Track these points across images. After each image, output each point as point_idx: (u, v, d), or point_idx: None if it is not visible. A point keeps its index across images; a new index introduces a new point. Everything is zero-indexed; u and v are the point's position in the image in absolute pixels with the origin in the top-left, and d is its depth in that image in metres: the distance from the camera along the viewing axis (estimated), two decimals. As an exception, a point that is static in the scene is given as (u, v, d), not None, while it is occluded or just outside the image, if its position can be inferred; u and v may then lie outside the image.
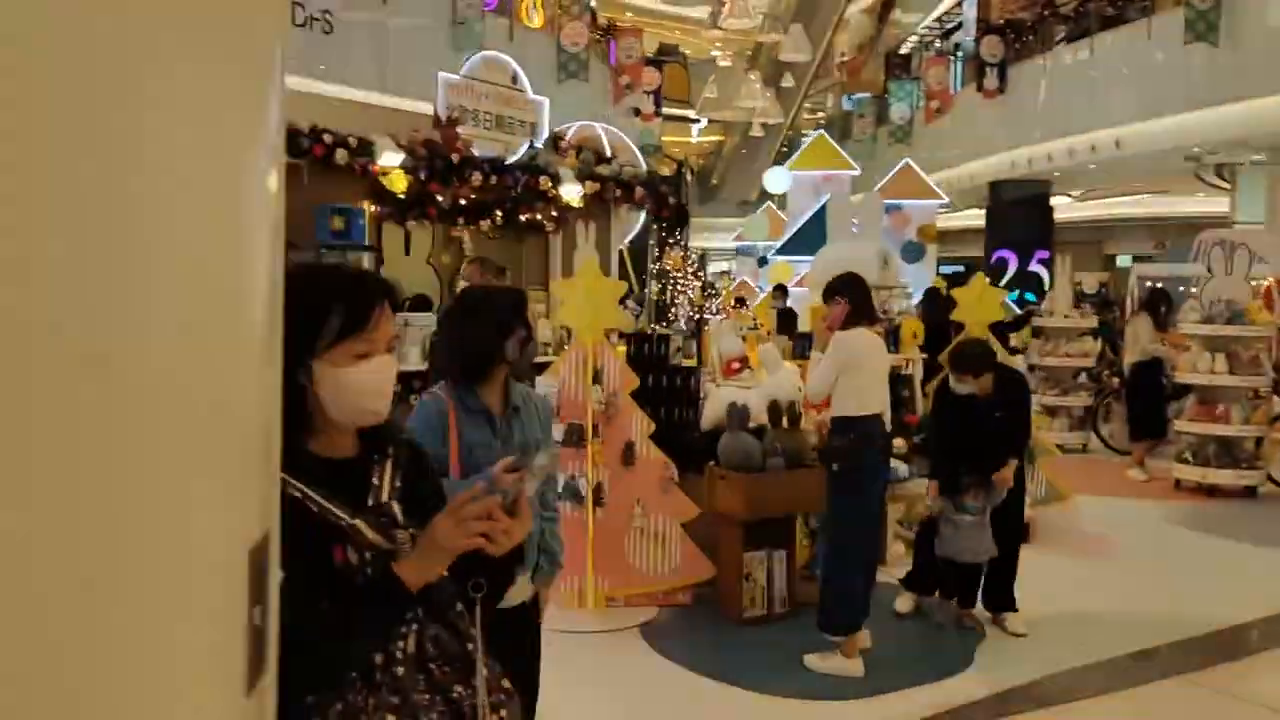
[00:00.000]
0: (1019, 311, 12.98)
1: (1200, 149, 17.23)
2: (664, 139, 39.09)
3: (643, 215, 11.87)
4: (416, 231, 9.17)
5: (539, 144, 8.93)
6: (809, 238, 18.17)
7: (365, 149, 7.36)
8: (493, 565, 1.68)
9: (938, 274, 17.36)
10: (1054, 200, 23.26)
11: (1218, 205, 20.26)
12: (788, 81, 27.38)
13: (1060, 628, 5.34)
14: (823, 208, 18.39)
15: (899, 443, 6.58)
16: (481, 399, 2.86)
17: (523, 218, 8.86)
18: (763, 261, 18.95)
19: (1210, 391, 8.50)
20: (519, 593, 2.97)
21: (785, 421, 5.44)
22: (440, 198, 8.11)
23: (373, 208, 7.84)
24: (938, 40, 25.69)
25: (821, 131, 18.96)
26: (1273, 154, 16.18)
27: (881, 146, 25.89)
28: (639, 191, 9.70)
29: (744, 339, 6.42)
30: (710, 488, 5.36)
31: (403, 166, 7.63)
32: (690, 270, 8.76)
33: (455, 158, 7.90)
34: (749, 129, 28.73)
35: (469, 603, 1.72)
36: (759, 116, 27.69)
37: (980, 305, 7.33)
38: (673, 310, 8.45)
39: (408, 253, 9.46)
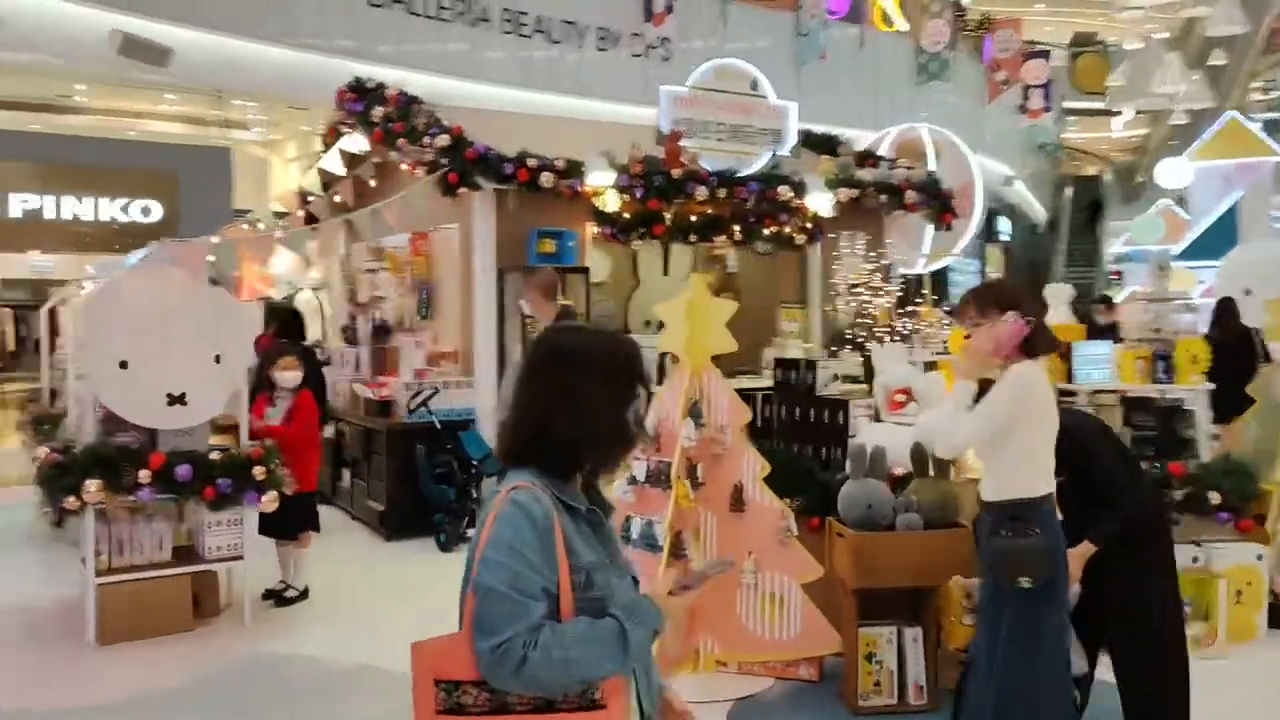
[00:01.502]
0: None
1: None
2: (1080, 135, 35.47)
3: (966, 230, 10.75)
4: (677, 251, 8.95)
5: (784, 151, 8.29)
6: (1217, 239, 15.37)
7: (575, 170, 7.26)
8: None
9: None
10: None
11: None
12: (1217, 59, 23.49)
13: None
14: (1235, 203, 15.50)
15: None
16: (576, 491, 1.93)
17: (767, 231, 8.28)
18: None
19: None
20: None
21: (932, 469, 4.41)
22: (666, 215, 7.80)
23: (595, 229, 7.73)
24: None
25: (1234, 114, 15.92)
26: None
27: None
28: (910, 197, 8.66)
29: (932, 366, 5.36)
30: (830, 545, 4.50)
31: (617, 185, 7.43)
32: (880, 282, 7.61)
33: (676, 172, 7.55)
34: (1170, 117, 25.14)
35: None
36: (1182, 102, 24.05)
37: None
38: (853, 331, 7.37)
39: (666, 273, 9.27)
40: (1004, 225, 24.79)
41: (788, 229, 8.26)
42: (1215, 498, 5.18)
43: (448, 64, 12.79)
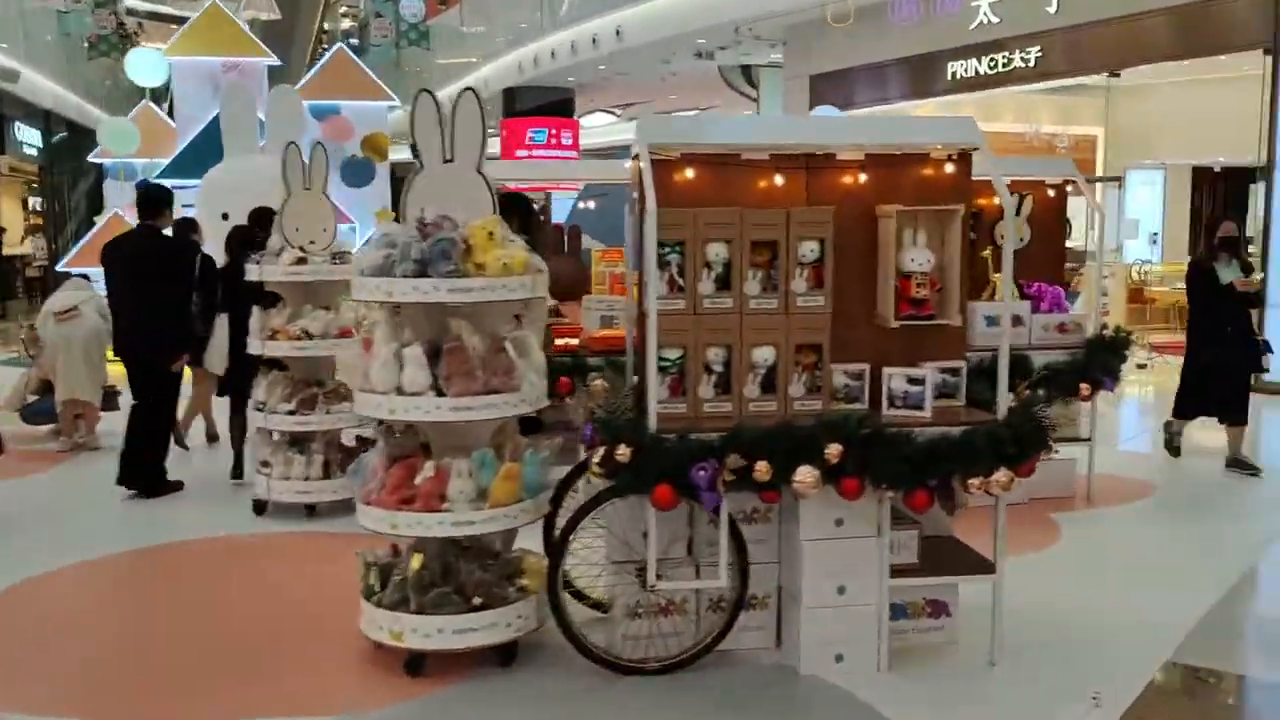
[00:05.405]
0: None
1: (706, 42, 13.44)
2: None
3: None
4: None
5: None
6: (203, 154, 12.78)
7: None
8: None
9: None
10: (590, 118, 19.23)
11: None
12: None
13: None
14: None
15: None
16: None
17: None
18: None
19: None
20: None
21: None
22: None
23: None
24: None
25: (216, 1, 13.38)
26: (790, 53, 12.60)
27: (407, 54, 20.82)
28: None
29: None
30: None
31: None
32: None
33: None
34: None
35: None
36: (247, 10, 21.61)
37: None
38: None
39: None
40: (29, 135, 19.89)
41: None
42: None
43: None
